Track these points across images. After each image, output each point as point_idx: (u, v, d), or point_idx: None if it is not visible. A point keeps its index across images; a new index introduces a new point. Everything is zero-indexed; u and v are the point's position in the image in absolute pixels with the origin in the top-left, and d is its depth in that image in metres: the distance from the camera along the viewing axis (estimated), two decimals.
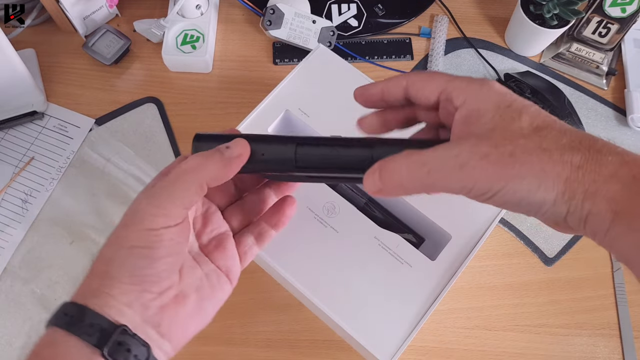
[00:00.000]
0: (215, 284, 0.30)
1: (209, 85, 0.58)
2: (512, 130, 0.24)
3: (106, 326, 0.24)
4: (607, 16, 0.56)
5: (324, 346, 0.47)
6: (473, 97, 0.26)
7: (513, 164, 0.23)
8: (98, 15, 0.59)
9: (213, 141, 0.30)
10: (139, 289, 0.26)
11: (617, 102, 0.59)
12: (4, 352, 0.47)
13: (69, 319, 0.25)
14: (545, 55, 0.61)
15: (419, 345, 0.48)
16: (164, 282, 0.27)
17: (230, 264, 0.31)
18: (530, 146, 0.24)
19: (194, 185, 0.27)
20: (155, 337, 0.26)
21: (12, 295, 0.49)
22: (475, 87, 0.26)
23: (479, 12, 0.63)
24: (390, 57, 0.60)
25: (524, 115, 0.25)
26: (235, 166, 0.28)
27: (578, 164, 0.23)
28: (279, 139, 0.30)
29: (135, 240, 0.26)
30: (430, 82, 0.27)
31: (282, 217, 0.34)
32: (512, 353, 0.48)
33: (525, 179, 0.23)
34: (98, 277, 0.26)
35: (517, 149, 0.24)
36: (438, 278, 0.39)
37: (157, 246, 0.26)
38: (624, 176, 0.22)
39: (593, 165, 0.23)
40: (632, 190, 0.22)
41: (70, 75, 0.58)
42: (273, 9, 0.56)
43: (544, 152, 0.23)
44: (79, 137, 0.55)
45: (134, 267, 0.26)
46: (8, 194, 0.53)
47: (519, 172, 0.23)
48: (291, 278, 0.39)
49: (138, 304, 0.26)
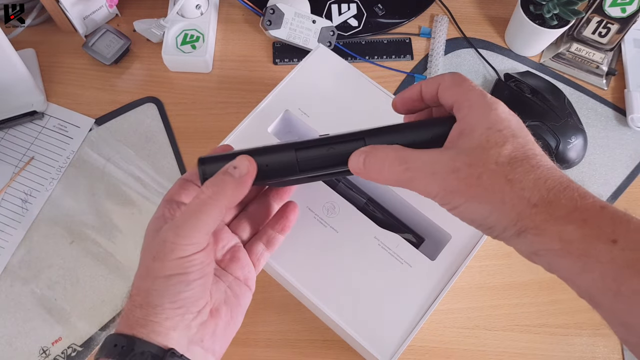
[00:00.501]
0: (238, 293, 0.33)
1: (209, 85, 0.58)
2: (490, 154, 0.26)
3: (156, 352, 0.26)
4: (607, 16, 0.56)
5: (324, 346, 0.47)
6: (475, 112, 0.28)
7: (476, 186, 0.26)
8: (98, 15, 0.59)
9: (218, 162, 0.31)
10: (182, 312, 0.28)
11: (617, 102, 0.59)
12: (4, 352, 0.47)
13: (120, 349, 0.26)
14: (545, 55, 0.61)
15: (418, 345, 0.48)
16: (200, 301, 0.29)
17: (246, 272, 0.34)
18: (498, 174, 0.26)
19: (214, 212, 0.28)
20: (201, 353, 0.29)
21: (12, 295, 0.49)
22: (482, 104, 0.28)
23: (479, 12, 0.63)
24: (390, 57, 0.60)
25: (508, 144, 0.26)
26: (248, 183, 0.30)
27: (535, 202, 0.25)
28: (277, 148, 0.31)
29: (170, 269, 0.28)
30: (452, 88, 0.29)
31: (287, 222, 0.36)
32: (512, 353, 0.48)
33: (482, 203, 0.26)
34: (140, 308, 0.28)
35: (485, 174, 0.26)
36: (438, 278, 0.39)
37: (190, 271, 0.28)
38: (576, 219, 0.24)
39: (547, 206, 0.25)
40: (585, 232, 0.24)
41: (70, 75, 0.58)
42: (273, 9, 0.56)
43: (508, 182, 0.25)
44: (79, 137, 0.55)
45: (173, 292, 0.28)
46: (8, 194, 0.53)
47: (478, 195, 0.26)
48: (291, 278, 0.39)
49: (182, 326, 0.28)
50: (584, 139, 0.55)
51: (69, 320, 0.48)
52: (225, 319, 0.31)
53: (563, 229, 0.24)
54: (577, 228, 0.24)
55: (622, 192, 0.55)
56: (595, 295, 0.24)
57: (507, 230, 0.26)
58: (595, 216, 0.24)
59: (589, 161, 0.56)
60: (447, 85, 0.30)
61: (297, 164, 0.30)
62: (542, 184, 0.25)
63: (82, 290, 0.49)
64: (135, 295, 0.28)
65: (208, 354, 0.29)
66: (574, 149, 0.54)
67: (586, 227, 0.24)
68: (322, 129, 0.43)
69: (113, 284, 0.49)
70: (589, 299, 0.25)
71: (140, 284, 0.28)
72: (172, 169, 0.54)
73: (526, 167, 0.26)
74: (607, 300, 0.23)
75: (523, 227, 0.25)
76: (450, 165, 0.26)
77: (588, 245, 0.23)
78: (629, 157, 0.56)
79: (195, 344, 0.29)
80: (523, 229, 0.25)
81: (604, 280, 0.23)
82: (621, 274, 0.22)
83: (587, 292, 0.24)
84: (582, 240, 0.24)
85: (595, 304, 0.24)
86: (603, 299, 0.24)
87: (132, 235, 0.51)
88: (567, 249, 0.24)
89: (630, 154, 0.56)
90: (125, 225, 0.51)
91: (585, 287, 0.24)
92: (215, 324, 0.30)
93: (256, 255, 0.35)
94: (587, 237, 0.23)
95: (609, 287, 0.23)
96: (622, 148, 0.56)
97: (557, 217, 0.24)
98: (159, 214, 0.31)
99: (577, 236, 0.24)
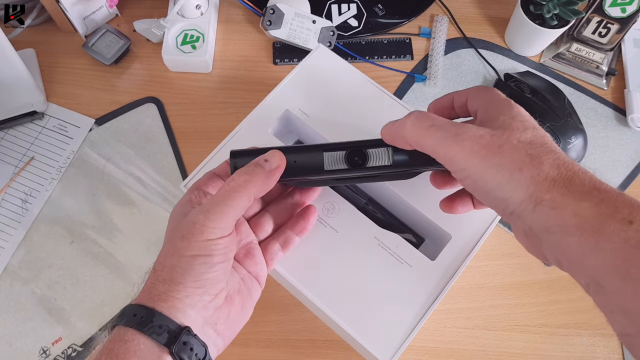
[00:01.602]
0: (250, 286, 0.34)
1: (209, 85, 0.58)
2: (512, 133, 0.27)
3: (174, 327, 0.27)
4: (607, 16, 0.56)
5: (324, 346, 0.47)
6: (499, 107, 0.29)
7: (497, 153, 0.26)
8: (98, 15, 0.59)
9: (248, 156, 0.33)
10: (201, 292, 0.29)
11: (617, 102, 0.59)
12: (4, 352, 0.47)
13: (139, 319, 0.27)
14: (545, 55, 0.61)
15: (419, 345, 0.48)
16: (219, 284, 0.30)
17: (259, 270, 0.35)
18: (519, 148, 0.26)
19: (243, 199, 0.30)
20: (213, 335, 0.30)
21: (12, 296, 0.49)
22: (506, 105, 0.29)
23: (479, 12, 0.63)
24: (390, 57, 0.60)
25: (529, 131, 0.27)
26: (276, 176, 0.31)
27: (553, 177, 0.25)
28: (306, 148, 0.33)
29: (196, 249, 0.29)
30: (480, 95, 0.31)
31: (307, 224, 0.37)
32: (512, 353, 0.48)
33: (500, 172, 0.26)
34: (163, 283, 0.29)
35: (506, 144, 0.26)
36: (438, 278, 0.39)
37: (215, 254, 0.29)
38: (594, 197, 0.24)
39: (566, 182, 0.25)
40: (601, 210, 0.24)
41: (70, 75, 0.58)
42: (273, 9, 0.56)
43: (528, 156, 0.26)
44: (79, 137, 0.55)
45: (197, 272, 0.29)
46: (8, 194, 0.53)
47: (499, 162, 0.26)
48: (291, 278, 0.39)
49: (200, 306, 0.29)
50: (584, 139, 0.55)
51: (69, 320, 0.48)
52: (237, 308, 0.32)
53: (580, 205, 0.24)
54: (594, 205, 0.24)
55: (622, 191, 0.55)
56: (602, 277, 0.23)
57: (522, 203, 0.26)
58: (612, 197, 0.24)
59: (589, 161, 0.56)
60: (475, 94, 0.31)
61: (323, 163, 0.32)
62: (562, 164, 0.26)
63: (82, 290, 0.49)
64: (159, 270, 0.29)
65: (219, 337, 0.30)
66: (574, 149, 0.54)
67: (602, 206, 0.24)
68: (322, 129, 0.43)
69: (113, 284, 0.49)
70: (595, 282, 0.24)
71: (166, 260, 0.29)
72: (172, 169, 0.54)
73: (545, 149, 0.26)
74: (614, 283, 0.23)
75: (539, 199, 0.25)
76: (473, 131, 0.27)
77: (603, 223, 0.23)
78: (629, 157, 0.56)
79: (209, 326, 0.30)
80: (539, 201, 0.25)
81: (614, 260, 0.23)
82: (633, 255, 0.22)
83: (593, 275, 0.24)
84: (597, 217, 0.23)
85: (599, 287, 0.24)
86: (610, 281, 0.23)
87: (132, 235, 0.51)
88: (582, 225, 0.24)
89: (630, 154, 0.56)
90: (125, 225, 0.51)
91: (593, 269, 0.23)
92: (229, 310, 0.31)
93: (271, 254, 0.36)
94: (603, 215, 0.23)
95: (618, 267, 0.22)
96: (622, 148, 0.56)
97: (574, 193, 0.24)
98: (185, 199, 0.32)
99: (593, 213, 0.24)
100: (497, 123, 0.28)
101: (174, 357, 0.27)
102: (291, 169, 0.32)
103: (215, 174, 0.35)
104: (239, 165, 0.32)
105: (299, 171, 0.33)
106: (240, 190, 0.30)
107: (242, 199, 0.30)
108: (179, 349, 0.27)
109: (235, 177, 0.30)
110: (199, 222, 0.29)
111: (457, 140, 0.27)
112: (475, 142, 0.27)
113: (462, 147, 0.27)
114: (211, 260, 0.29)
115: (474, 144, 0.27)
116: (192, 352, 0.28)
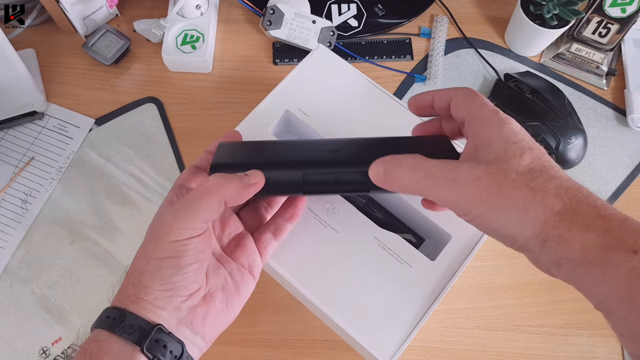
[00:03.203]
0: (239, 281, 0.33)
1: (209, 85, 0.58)
2: (510, 164, 0.26)
3: (144, 325, 0.28)
4: (607, 16, 0.56)
5: (324, 346, 0.47)
6: (489, 127, 0.28)
7: (498, 194, 0.26)
8: (98, 15, 0.59)
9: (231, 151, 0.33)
10: (170, 294, 0.29)
11: (617, 102, 0.59)
12: (4, 352, 0.47)
13: (111, 321, 0.28)
14: (545, 56, 0.61)
15: (419, 345, 0.48)
16: (191, 286, 0.29)
17: (251, 260, 0.34)
18: (520, 183, 0.26)
19: (214, 202, 0.29)
20: (189, 335, 0.30)
21: (12, 295, 0.49)
22: (495, 120, 0.28)
23: (479, 12, 0.63)
24: (390, 57, 0.60)
25: (526, 155, 0.26)
26: (252, 191, 0.30)
27: (558, 210, 0.25)
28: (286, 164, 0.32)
29: (163, 252, 0.28)
30: (465, 103, 0.30)
31: (296, 209, 0.37)
32: (512, 353, 0.48)
33: (505, 212, 0.26)
34: (133, 286, 0.29)
35: (506, 182, 0.26)
36: (438, 278, 0.39)
37: (184, 255, 0.29)
38: (599, 227, 0.24)
39: (571, 214, 0.25)
40: (606, 241, 0.24)
41: (70, 75, 0.58)
42: (273, 9, 0.56)
43: (530, 191, 0.25)
44: (79, 137, 0.55)
45: (164, 275, 0.29)
46: (8, 194, 0.53)
47: (501, 203, 0.26)
48: (291, 278, 0.39)
49: (171, 307, 0.29)
50: (584, 139, 0.55)
51: (69, 320, 0.48)
52: (220, 306, 0.31)
53: (585, 237, 0.24)
54: (599, 236, 0.24)
55: (622, 192, 0.55)
56: (611, 305, 0.24)
57: (530, 240, 0.25)
58: (617, 226, 0.24)
59: (589, 161, 0.56)
60: (460, 100, 0.30)
61: (302, 186, 0.31)
62: (564, 192, 0.25)
63: (82, 290, 0.49)
64: (130, 274, 0.29)
65: (197, 336, 0.30)
66: (574, 149, 0.54)
67: (608, 236, 0.24)
68: (322, 129, 0.43)
69: (113, 284, 0.49)
70: (605, 310, 0.24)
71: (136, 263, 0.29)
72: (172, 169, 0.54)
73: (546, 176, 0.26)
74: (622, 311, 0.23)
75: (547, 236, 0.25)
76: (471, 174, 0.26)
77: (608, 254, 0.23)
78: (629, 157, 0.56)
79: (184, 326, 0.29)
80: (547, 238, 0.25)
81: (619, 290, 0.23)
82: (638, 285, 0.22)
83: (603, 302, 0.24)
84: (602, 249, 0.23)
85: (609, 314, 0.24)
86: (617, 310, 0.23)
87: (132, 235, 0.51)
88: (587, 257, 0.24)
89: (630, 154, 0.56)
90: (125, 225, 0.51)
91: (602, 297, 0.24)
92: (206, 309, 0.30)
93: (264, 243, 0.35)
94: (608, 245, 0.23)
95: (624, 297, 0.23)
96: (622, 148, 0.56)
97: (580, 225, 0.24)
98: (167, 199, 0.32)
99: (598, 244, 0.24)
100: (491, 152, 0.27)
101: (146, 354, 0.27)
102: (269, 186, 0.32)
103: (197, 166, 0.34)
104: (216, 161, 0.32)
105: (277, 191, 0.33)
106: (212, 193, 0.29)
107: (212, 202, 0.29)
108: (150, 346, 0.27)
109: (210, 179, 0.30)
110: (166, 223, 0.28)
111: (455, 187, 0.26)
112: (474, 186, 0.26)
113: (462, 194, 0.26)
114: (179, 262, 0.28)
115: (474, 189, 0.26)
116: (166, 349, 0.28)
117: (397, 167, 0.29)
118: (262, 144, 0.36)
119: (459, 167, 0.27)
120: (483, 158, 0.27)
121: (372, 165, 0.30)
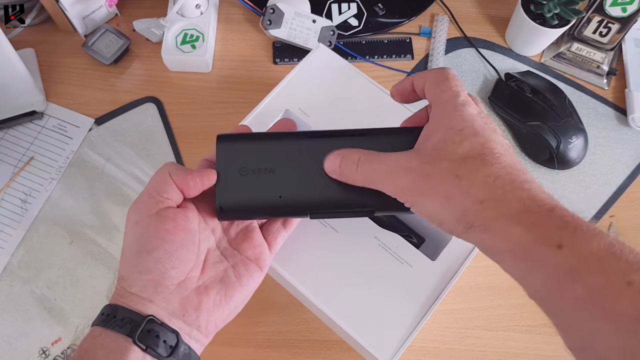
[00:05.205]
0: (243, 273, 0.33)
1: (208, 85, 0.58)
2: (445, 152, 0.27)
3: (135, 318, 0.28)
4: (607, 16, 0.56)
5: (324, 346, 0.47)
6: (441, 113, 0.29)
7: (426, 183, 0.27)
8: (97, 14, 0.59)
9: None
10: (153, 284, 0.29)
11: (618, 101, 0.59)
12: (4, 352, 0.47)
13: (105, 317, 0.29)
14: (545, 55, 0.61)
15: (419, 345, 0.48)
16: (170, 272, 0.30)
17: (258, 252, 0.34)
18: (447, 171, 0.26)
19: (162, 173, 0.32)
20: (184, 327, 0.30)
21: (12, 296, 0.49)
22: (451, 106, 0.28)
23: (480, 12, 0.63)
24: (390, 57, 0.60)
25: (466, 142, 0.27)
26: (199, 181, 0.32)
27: (481, 199, 0.25)
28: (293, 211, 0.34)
29: (128, 239, 0.31)
30: (432, 87, 0.30)
31: None
32: (512, 353, 0.48)
33: (430, 199, 0.27)
34: (120, 281, 0.30)
35: (436, 172, 0.27)
36: (438, 278, 0.39)
37: (146, 238, 0.30)
38: (523, 220, 0.24)
39: (494, 204, 0.25)
40: (531, 236, 0.24)
41: (70, 75, 0.58)
42: (273, 9, 0.56)
43: (455, 178, 0.26)
44: (79, 137, 0.55)
45: (135, 263, 0.30)
46: (7, 194, 0.53)
47: (426, 192, 0.27)
48: (291, 278, 0.39)
49: (159, 299, 0.29)
50: (585, 138, 0.54)
51: (68, 321, 0.48)
52: (216, 298, 0.31)
53: (510, 230, 0.24)
54: (524, 230, 0.24)
55: (622, 192, 0.54)
56: (542, 297, 0.24)
57: (456, 226, 0.26)
58: (543, 219, 0.24)
59: (589, 161, 0.55)
60: (429, 85, 0.31)
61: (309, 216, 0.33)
62: (492, 181, 0.25)
63: (82, 290, 0.49)
64: (118, 271, 0.31)
65: (192, 328, 0.30)
66: (575, 149, 0.54)
67: (532, 231, 0.24)
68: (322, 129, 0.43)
69: (113, 284, 0.49)
70: (537, 301, 0.25)
71: (120, 259, 0.31)
72: None
73: (478, 164, 0.26)
74: (552, 304, 0.24)
75: (469, 223, 0.25)
76: (405, 166, 0.28)
77: (534, 249, 0.24)
78: (630, 156, 0.56)
79: (176, 317, 0.30)
80: (469, 225, 0.26)
81: (548, 284, 0.23)
82: (564, 279, 0.23)
83: (535, 293, 0.25)
84: (528, 244, 0.24)
85: (542, 306, 0.25)
86: (548, 303, 0.24)
87: None
88: (514, 250, 0.24)
89: (631, 153, 0.56)
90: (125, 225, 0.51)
91: (533, 289, 0.25)
92: (199, 300, 0.31)
93: (274, 233, 0.36)
94: (534, 240, 0.24)
95: (552, 291, 0.23)
96: (622, 148, 0.56)
97: (504, 216, 0.25)
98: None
99: (524, 239, 0.24)
100: (432, 141, 0.28)
101: (138, 345, 0.27)
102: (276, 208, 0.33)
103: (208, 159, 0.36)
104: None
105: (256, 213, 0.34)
106: (162, 169, 0.32)
107: (161, 173, 0.32)
108: (142, 337, 0.28)
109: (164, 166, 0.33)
110: (129, 210, 0.32)
111: (393, 179, 0.28)
112: (407, 177, 0.28)
113: (398, 185, 0.28)
114: (143, 246, 0.30)
115: (405, 180, 0.28)
116: (159, 339, 0.28)
117: (351, 162, 0.30)
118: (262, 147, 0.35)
119: (398, 159, 0.29)
120: (426, 146, 0.28)
121: (328, 157, 0.31)
